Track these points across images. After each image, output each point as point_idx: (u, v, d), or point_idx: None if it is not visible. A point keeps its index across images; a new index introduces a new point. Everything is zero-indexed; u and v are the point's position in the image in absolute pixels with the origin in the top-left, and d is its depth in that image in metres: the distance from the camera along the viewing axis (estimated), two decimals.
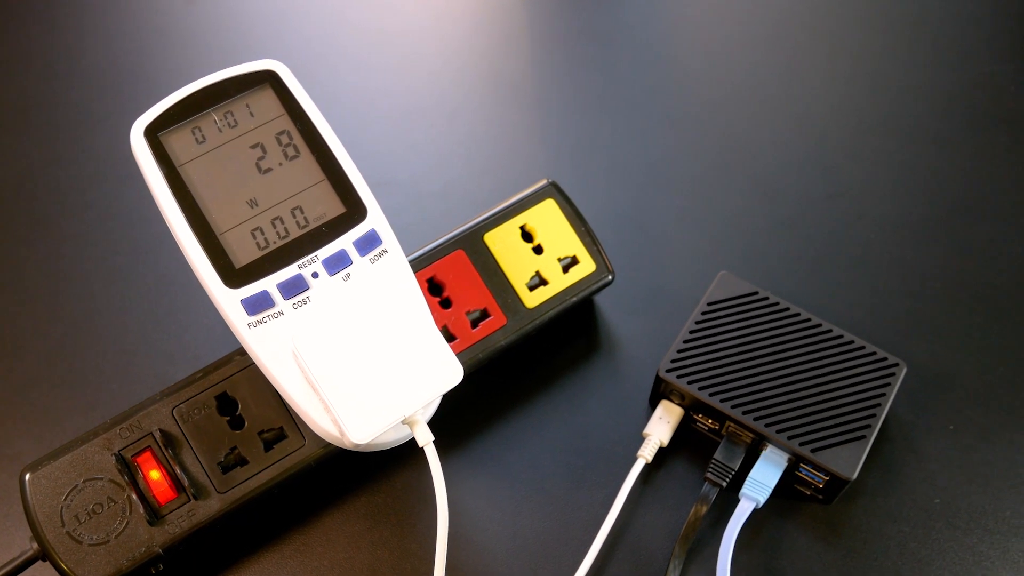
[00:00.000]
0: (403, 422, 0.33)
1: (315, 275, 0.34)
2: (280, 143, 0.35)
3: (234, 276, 0.33)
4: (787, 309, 0.41)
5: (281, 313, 0.33)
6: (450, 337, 0.39)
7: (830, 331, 0.40)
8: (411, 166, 0.49)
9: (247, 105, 0.35)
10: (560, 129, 0.51)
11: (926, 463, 0.40)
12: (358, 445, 0.32)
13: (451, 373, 0.33)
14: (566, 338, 0.43)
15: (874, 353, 0.40)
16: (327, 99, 0.51)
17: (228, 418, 0.36)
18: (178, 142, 0.34)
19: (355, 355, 0.33)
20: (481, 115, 0.51)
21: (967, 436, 0.41)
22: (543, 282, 0.41)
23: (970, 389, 0.42)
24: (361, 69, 0.53)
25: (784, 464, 0.38)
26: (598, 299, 0.44)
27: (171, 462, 0.35)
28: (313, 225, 0.34)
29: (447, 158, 0.49)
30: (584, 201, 0.44)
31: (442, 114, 0.51)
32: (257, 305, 0.33)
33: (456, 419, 0.40)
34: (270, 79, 0.35)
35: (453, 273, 0.40)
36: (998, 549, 0.38)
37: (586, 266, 0.41)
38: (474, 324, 0.39)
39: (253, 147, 0.35)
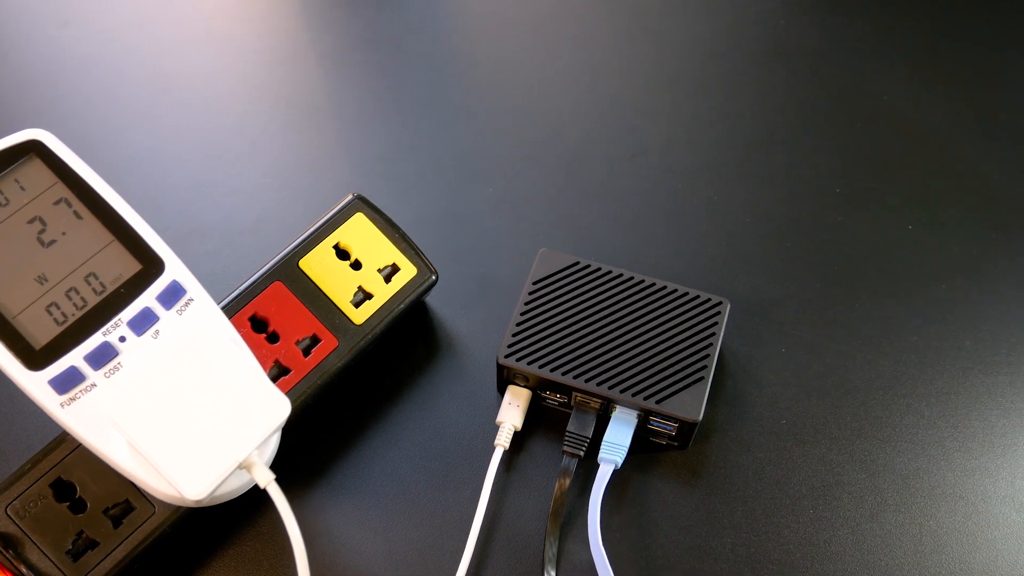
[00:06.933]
0: (240, 467, 0.32)
1: (123, 339, 0.33)
2: (59, 212, 0.34)
3: (36, 358, 0.32)
4: (609, 272, 0.42)
5: (94, 385, 0.32)
6: (284, 370, 0.38)
7: (653, 284, 0.42)
8: (220, 207, 0.48)
9: (16, 180, 0.33)
10: (363, 141, 0.51)
11: (767, 389, 0.42)
12: (199, 501, 0.31)
13: (278, 409, 0.33)
14: (404, 345, 0.43)
15: (697, 296, 0.41)
16: (120, 157, 0.49)
17: (68, 503, 0.35)
18: None
19: (177, 410, 0.32)
20: (282, 142, 0.51)
21: (799, 355, 0.43)
22: (367, 296, 0.40)
23: (793, 311, 0.44)
24: (150, 119, 0.51)
25: (634, 422, 0.39)
26: (428, 300, 0.44)
27: (15, 563, 0.34)
28: (111, 288, 0.33)
29: (255, 192, 0.48)
30: (398, 206, 0.44)
31: (242, 149, 0.50)
32: (66, 383, 0.32)
33: (309, 450, 0.40)
34: (35, 149, 0.34)
35: (275, 306, 0.39)
36: (845, 454, 0.40)
37: (407, 272, 0.41)
38: (306, 352, 0.39)
39: (31, 222, 0.33)
